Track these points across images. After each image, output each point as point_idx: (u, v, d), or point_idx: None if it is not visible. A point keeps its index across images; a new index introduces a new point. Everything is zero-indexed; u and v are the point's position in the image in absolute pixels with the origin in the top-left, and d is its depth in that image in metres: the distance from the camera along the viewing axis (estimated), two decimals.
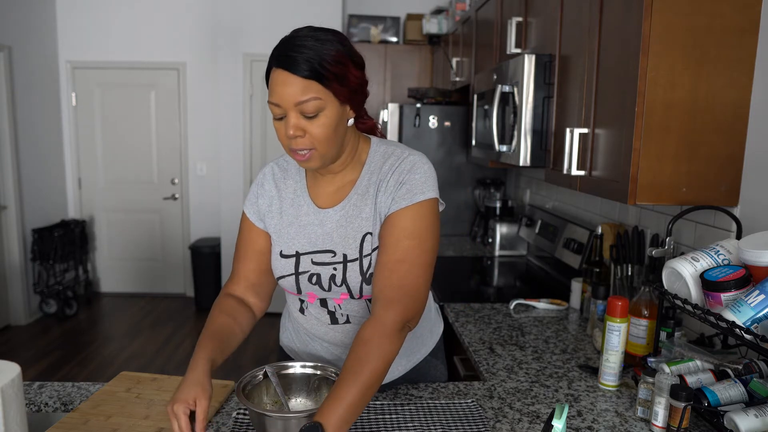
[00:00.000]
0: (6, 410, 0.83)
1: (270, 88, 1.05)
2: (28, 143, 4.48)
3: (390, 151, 1.18)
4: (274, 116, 1.06)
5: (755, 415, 1.00)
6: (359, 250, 1.15)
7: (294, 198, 1.22)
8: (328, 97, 1.03)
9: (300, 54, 1.01)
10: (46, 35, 4.75)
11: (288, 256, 1.20)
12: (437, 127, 3.33)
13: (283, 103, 1.03)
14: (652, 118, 1.32)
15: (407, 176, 1.12)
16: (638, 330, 1.43)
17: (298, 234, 1.20)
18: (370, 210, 1.14)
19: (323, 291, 1.19)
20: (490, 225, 3.00)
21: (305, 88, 1.01)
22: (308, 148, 1.06)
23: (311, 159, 1.08)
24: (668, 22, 1.29)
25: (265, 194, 1.24)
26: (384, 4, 4.79)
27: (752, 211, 1.37)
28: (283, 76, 1.02)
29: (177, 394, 0.98)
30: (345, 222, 1.16)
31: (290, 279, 1.20)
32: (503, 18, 2.46)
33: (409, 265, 1.07)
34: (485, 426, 1.13)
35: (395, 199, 1.11)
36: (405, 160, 1.14)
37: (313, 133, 1.04)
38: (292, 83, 1.01)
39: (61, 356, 3.85)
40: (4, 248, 4.31)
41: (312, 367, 1.17)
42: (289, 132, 1.03)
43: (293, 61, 1.01)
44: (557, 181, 1.80)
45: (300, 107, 1.02)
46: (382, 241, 1.11)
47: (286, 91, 1.02)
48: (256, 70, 4.51)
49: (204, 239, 4.98)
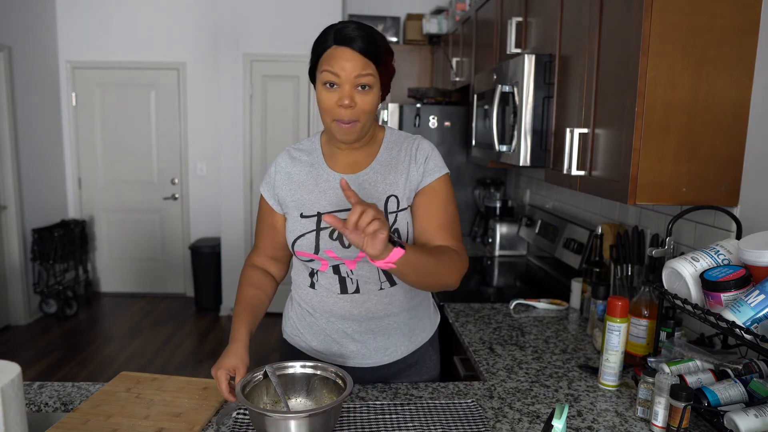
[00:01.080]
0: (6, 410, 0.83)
1: (328, 61, 1.19)
2: (28, 143, 4.48)
3: (403, 135, 1.38)
4: (327, 83, 1.20)
5: (755, 415, 1.00)
6: (384, 208, 1.28)
7: (311, 170, 1.34)
8: (376, 76, 1.21)
9: (362, 37, 1.18)
10: (46, 35, 4.75)
11: (309, 216, 1.30)
12: (437, 127, 3.33)
13: (343, 73, 1.18)
14: (652, 118, 1.32)
15: (431, 152, 1.33)
16: (638, 330, 1.43)
17: (319, 198, 1.31)
18: (395, 177, 1.30)
19: (342, 248, 1.26)
20: (490, 225, 3.00)
21: (365, 65, 1.18)
22: (354, 119, 1.21)
23: (353, 130, 1.23)
24: (668, 22, 1.29)
25: (281, 171, 1.36)
26: (384, 4, 4.78)
27: (752, 211, 1.37)
28: (347, 53, 1.18)
29: (220, 362, 1.15)
30: (369, 185, 1.30)
31: (310, 236, 1.28)
32: (503, 18, 2.46)
33: (456, 224, 1.32)
34: (485, 426, 1.13)
35: (426, 171, 1.31)
36: (422, 141, 1.35)
37: (362, 105, 1.20)
38: (355, 59, 1.17)
39: (61, 356, 3.85)
40: (4, 248, 4.31)
41: (312, 367, 1.17)
42: (345, 101, 1.18)
43: (357, 41, 1.17)
44: (557, 181, 1.80)
45: (358, 80, 1.18)
46: (426, 206, 1.29)
47: (348, 65, 1.17)
48: (256, 70, 4.51)
49: (204, 239, 4.98)
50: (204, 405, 1.19)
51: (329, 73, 1.19)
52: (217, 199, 4.96)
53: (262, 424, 1.01)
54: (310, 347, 1.38)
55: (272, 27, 4.45)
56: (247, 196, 4.65)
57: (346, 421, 1.14)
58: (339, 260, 1.28)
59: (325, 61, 1.20)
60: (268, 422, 1.00)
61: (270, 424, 1.00)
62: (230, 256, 4.69)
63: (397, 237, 1.26)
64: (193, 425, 1.10)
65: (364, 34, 1.19)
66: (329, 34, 1.20)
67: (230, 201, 4.65)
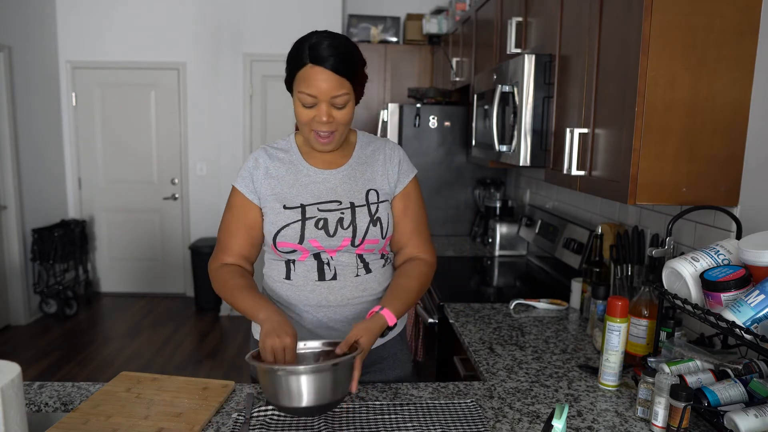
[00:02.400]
0: (6, 410, 0.83)
1: (304, 81, 1.23)
2: (28, 143, 4.48)
3: (372, 137, 1.46)
4: (304, 104, 1.25)
5: (755, 415, 1.00)
6: (366, 200, 1.36)
7: (290, 167, 1.38)
8: (351, 92, 1.26)
9: (336, 55, 1.21)
10: (46, 35, 4.75)
11: (292, 208, 1.33)
12: (437, 127, 3.33)
13: (320, 95, 1.22)
14: (652, 118, 1.32)
15: (402, 155, 1.44)
16: (638, 330, 1.43)
17: (301, 191, 1.35)
18: (372, 173, 1.39)
19: (327, 237, 1.32)
20: (490, 225, 3.00)
21: (340, 84, 1.23)
22: (332, 131, 1.27)
23: (332, 141, 1.30)
24: (668, 22, 1.29)
25: (260, 166, 1.37)
26: (384, 4, 4.78)
27: (752, 211, 1.37)
28: (322, 73, 1.21)
29: (266, 334, 1.14)
30: (349, 179, 1.37)
31: (295, 226, 1.32)
32: (503, 18, 2.46)
33: (425, 224, 1.46)
34: (485, 426, 1.13)
35: (401, 172, 1.41)
36: (393, 143, 1.46)
37: (339, 120, 1.27)
38: (330, 79, 1.21)
39: (61, 356, 3.85)
40: (4, 248, 4.31)
41: (322, 344, 1.23)
42: (323, 119, 1.24)
43: (331, 61, 1.21)
44: (557, 181, 1.80)
45: (333, 100, 1.24)
46: (404, 211, 1.41)
47: (324, 86, 1.22)
48: (256, 70, 4.51)
49: (204, 239, 4.98)
50: (204, 405, 1.19)
51: (305, 95, 1.23)
52: (217, 199, 4.96)
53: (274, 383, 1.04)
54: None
55: (272, 27, 4.45)
56: None
57: (346, 421, 1.14)
58: (322, 249, 1.32)
59: (301, 81, 1.23)
60: (277, 380, 1.03)
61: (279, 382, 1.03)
62: None
63: (379, 226, 1.35)
64: (193, 425, 1.10)
65: (339, 52, 1.21)
66: (303, 51, 1.23)
67: None
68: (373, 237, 1.34)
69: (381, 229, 1.35)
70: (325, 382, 1.07)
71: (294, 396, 1.06)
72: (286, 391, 1.06)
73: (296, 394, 1.06)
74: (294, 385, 1.05)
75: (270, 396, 1.09)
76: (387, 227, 1.37)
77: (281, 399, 1.07)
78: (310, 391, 1.05)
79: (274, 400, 1.09)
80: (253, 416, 1.15)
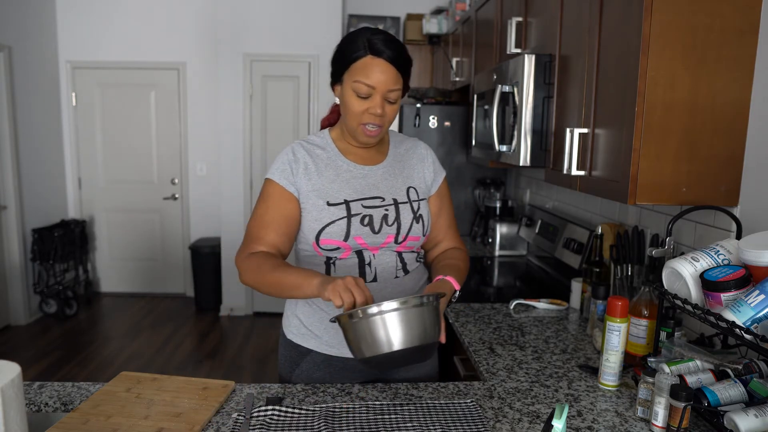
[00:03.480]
0: (6, 410, 0.83)
1: (362, 71, 1.24)
2: (28, 143, 4.48)
3: (402, 135, 1.50)
4: (359, 94, 1.25)
5: (755, 415, 1.00)
6: (407, 197, 1.38)
7: (329, 162, 1.36)
8: (401, 88, 1.29)
9: (394, 49, 1.24)
10: (46, 35, 4.75)
11: (336, 204, 1.32)
12: (437, 127, 3.33)
13: (378, 86, 1.24)
14: (652, 118, 1.32)
15: (433, 156, 1.48)
16: (638, 330, 1.43)
17: (342, 186, 1.34)
18: (409, 171, 1.42)
19: (372, 233, 1.32)
20: (490, 225, 3.00)
21: (396, 79, 1.26)
22: (380, 125, 1.29)
23: (378, 135, 1.31)
24: (668, 22, 1.29)
25: (299, 160, 1.35)
26: (384, 4, 4.78)
27: (752, 211, 1.37)
28: (382, 64, 1.23)
29: (331, 280, 1.11)
30: (389, 176, 1.39)
31: (341, 223, 1.30)
32: (503, 18, 2.46)
33: (454, 220, 1.53)
34: (484, 426, 1.13)
35: (436, 172, 1.46)
36: (421, 143, 1.49)
37: (389, 114, 1.29)
38: (388, 71, 1.24)
39: (61, 356, 3.85)
40: (4, 248, 4.31)
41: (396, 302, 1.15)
42: (377, 111, 1.25)
43: (390, 53, 1.23)
44: (557, 181, 1.80)
45: (388, 94, 1.26)
46: (440, 210, 1.47)
47: (383, 78, 1.24)
48: (256, 70, 4.51)
49: (204, 239, 4.98)
50: (204, 405, 1.19)
51: (363, 85, 1.24)
52: (217, 199, 4.96)
53: (362, 330, 1.01)
54: (321, 342, 1.39)
55: (272, 27, 4.45)
56: (247, 196, 4.66)
57: (346, 421, 1.14)
58: (365, 246, 1.32)
59: (359, 71, 1.24)
60: (367, 324, 1.00)
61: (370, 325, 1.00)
62: (230, 256, 4.69)
63: (421, 224, 1.38)
64: (193, 425, 1.10)
65: (396, 47, 1.25)
66: (361, 42, 1.24)
67: (230, 201, 4.65)
68: (416, 234, 1.37)
69: (423, 227, 1.38)
70: (418, 319, 1.02)
71: (383, 340, 1.01)
72: (376, 334, 1.01)
73: (384, 337, 1.01)
74: (385, 325, 1.01)
75: (362, 348, 1.04)
76: (427, 225, 1.40)
77: (375, 347, 1.02)
78: (401, 332, 1.01)
79: (369, 351, 1.04)
80: (253, 416, 1.15)
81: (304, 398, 1.25)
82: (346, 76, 1.27)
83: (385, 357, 1.04)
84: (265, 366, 3.75)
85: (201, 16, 4.89)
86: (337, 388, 1.30)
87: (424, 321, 1.06)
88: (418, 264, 1.45)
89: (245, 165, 4.62)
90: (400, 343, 1.03)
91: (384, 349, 1.03)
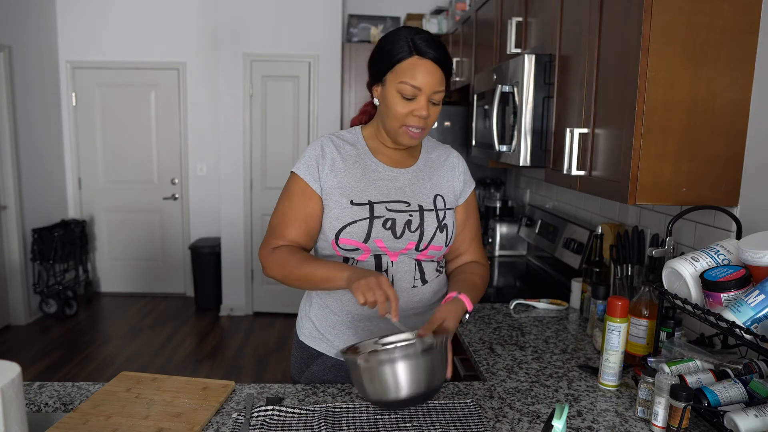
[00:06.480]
0: (6, 410, 0.83)
1: (409, 72, 1.21)
2: (28, 143, 4.48)
3: (434, 141, 1.47)
4: (404, 96, 1.23)
5: (755, 415, 1.00)
6: (434, 204, 1.34)
7: (357, 160, 1.34)
8: (445, 89, 1.26)
9: (441, 51, 1.22)
10: (46, 35, 4.75)
11: (360, 204, 1.29)
12: (437, 127, 3.33)
13: (425, 87, 1.22)
14: (652, 118, 1.32)
15: (464, 165, 1.45)
16: (638, 330, 1.43)
17: (369, 186, 1.31)
18: (438, 179, 1.38)
19: (393, 238, 1.29)
20: (490, 225, 3.00)
21: (441, 80, 1.24)
22: (423, 127, 1.26)
23: (419, 137, 1.28)
24: (668, 22, 1.29)
25: (327, 156, 1.32)
26: (384, 4, 4.78)
27: (752, 211, 1.37)
28: (429, 65, 1.21)
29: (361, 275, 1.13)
30: (418, 181, 1.35)
31: (362, 224, 1.27)
32: (503, 18, 2.46)
33: (480, 232, 1.50)
34: (485, 426, 1.13)
35: (466, 183, 1.43)
36: (453, 151, 1.46)
37: (432, 116, 1.26)
38: (435, 72, 1.22)
39: (61, 356, 3.85)
40: (4, 248, 4.31)
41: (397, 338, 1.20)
42: (422, 113, 1.23)
43: (435, 54, 1.21)
44: (557, 181, 1.80)
45: (433, 95, 1.24)
46: (466, 221, 1.43)
47: (430, 79, 1.21)
48: (256, 70, 4.51)
49: (204, 239, 4.98)
50: (204, 405, 1.19)
51: (410, 86, 1.21)
52: (217, 199, 4.96)
53: (368, 377, 1.02)
54: (332, 346, 1.38)
55: (272, 27, 4.45)
56: (247, 196, 4.66)
57: (346, 421, 1.14)
58: (385, 250, 1.29)
59: (405, 72, 1.21)
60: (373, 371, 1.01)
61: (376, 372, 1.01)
62: (230, 256, 4.69)
63: (445, 233, 1.34)
64: (193, 425, 1.10)
65: (440, 46, 1.23)
66: (406, 42, 1.21)
67: (230, 201, 4.65)
68: (438, 243, 1.33)
69: (446, 237, 1.34)
70: (427, 366, 1.02)
71: (391, 387, 1.02)
72: (384, 381, 1.02)
73: (393, 384, 1.01)
74: (394, 373, 1.01)
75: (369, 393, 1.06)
76: (451, 235, 1.36)
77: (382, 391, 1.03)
78: (410, 379, 1.01)
79: (375, 396, 1.05)
80: (253, 416, 1.15)
81: (304, 398, 1.25)
82: (390, 77, 1.23)
83: (391, 401, 1.05)
84: (265, 366, 3.75)
85: (201, 16, 4.89)
86: (337, 388, 1.30)
87: (433, 366, 1.06)
88: (438, 275, 1.39)
89: (245, 165, 4.62)
90: (408, 390, 1.03)
91: (391, 396, 1.04)
